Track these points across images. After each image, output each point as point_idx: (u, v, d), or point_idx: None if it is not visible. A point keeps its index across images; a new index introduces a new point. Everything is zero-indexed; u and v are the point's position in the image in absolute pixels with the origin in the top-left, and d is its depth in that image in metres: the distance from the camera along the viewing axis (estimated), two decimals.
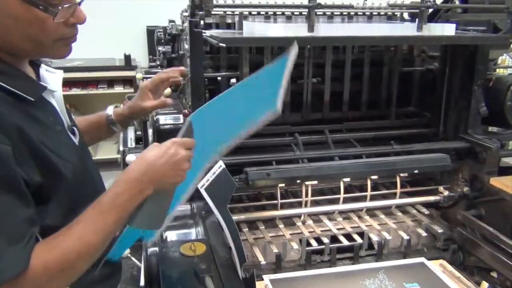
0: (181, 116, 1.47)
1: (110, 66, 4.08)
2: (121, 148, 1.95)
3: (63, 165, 0.92)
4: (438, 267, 1.51)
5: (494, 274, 1.52)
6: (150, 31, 3.97)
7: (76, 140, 1.03)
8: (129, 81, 4.04)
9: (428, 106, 1.86)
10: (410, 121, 1.87)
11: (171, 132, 1.48)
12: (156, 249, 1.18)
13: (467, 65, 1.68)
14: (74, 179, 0.94)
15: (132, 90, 3.84)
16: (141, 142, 1.80)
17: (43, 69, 1.02)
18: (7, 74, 0.87)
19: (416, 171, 1.62)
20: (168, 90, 1.69)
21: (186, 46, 1.54)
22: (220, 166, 1.34)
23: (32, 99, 0.88)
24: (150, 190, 0.91)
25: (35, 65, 1.02)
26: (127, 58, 4.05)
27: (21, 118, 0.85)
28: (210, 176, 1.32)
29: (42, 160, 0.87)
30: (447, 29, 1.49)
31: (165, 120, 1.49)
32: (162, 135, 1.48)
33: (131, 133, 1.92)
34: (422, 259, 1.53)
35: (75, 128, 1.03)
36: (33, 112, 0.89)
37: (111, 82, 4.11)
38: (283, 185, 1.58)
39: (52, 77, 1.02)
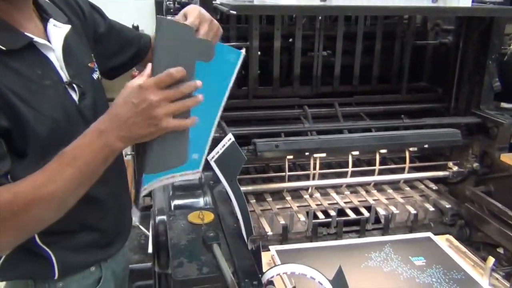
0: None
1: None
2: None
3: (36, 118, 0.90)
4: (445, 242, 1.51)
5: (501, 250, 1.52)
6: (159, 3, 3.92)
7: (76, 97, 1.01)
8: None
9: (440, 81, 1.83)
10: (421, 96, 1.85)
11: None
12: (164, 217, 1.18)
13: (481, 39, 1.65)
14: (53, 136, 0.93)
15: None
16: None
17: (51, 23, 1.01)
18: None
19: (426, 146, 1.60)
20: None
21: None
22: (229, 139, 1.34)
23: (4, 48, 0.88)
24: (120, 144, 0.84)
25: (44, 20, 1.01)
26: (135, 29, 4.00)
27: None
28: (219, 149, 1.31)
29: (10, 108, 0.87)
30: (463, 1, 1.46)
31: None
32: None
33: None
34: (428, 234, 1.53)
35: (74, 85, 1.01)
36: (10, 62, 0.89)
37: None
38: (291, 157, 1.58)
39: (57, 32, 1.00)
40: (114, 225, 1.18)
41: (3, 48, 0.88)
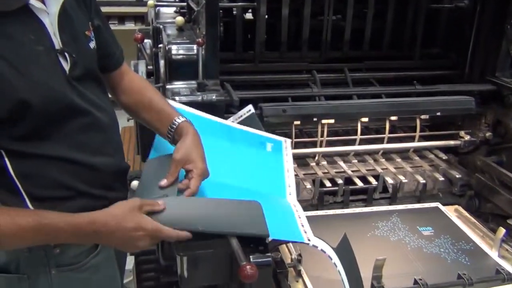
0: (194, 46, 1.40)
1: (121, 1, 3.96)
2: None
3: (25, 85, 0.87)
4: (453, 212, 1.49)
5: (510, 221, 1.49)
6: None
7: (66, 66, 0.95)
8: (141, 18, 3.94)
9: (455, 47, 1.77)
10: (434, 62, 1.79)
11: (183, 63, 1.42)
12: None
13: (500, 2, 1.57)
14: (43, 103, 0.89)
15: (143, 26, 3.73)
16: (153, 76, 1.74)
17: None
18: None
19: (438, 113, 1.55)
20: (180, 19, 1.61)
21: None
22: (249, 110, 1.32)
23: None
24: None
25: None
26: None
27: None
28: (236, 119, 1.29)
29: None
30: None
31: (178, 50, 1.42)
32: (174, 66, 1.42)
33: (142, 67, 1.85)
34: (437, 204, 1.51)
35: (66, 54, 0.95)
36: (3, 25, 0.85)
37: (122, 19, 4.02)
38: (298, 123, 1.53)
39: None
40: (109, 192, 1.13)
41: None
